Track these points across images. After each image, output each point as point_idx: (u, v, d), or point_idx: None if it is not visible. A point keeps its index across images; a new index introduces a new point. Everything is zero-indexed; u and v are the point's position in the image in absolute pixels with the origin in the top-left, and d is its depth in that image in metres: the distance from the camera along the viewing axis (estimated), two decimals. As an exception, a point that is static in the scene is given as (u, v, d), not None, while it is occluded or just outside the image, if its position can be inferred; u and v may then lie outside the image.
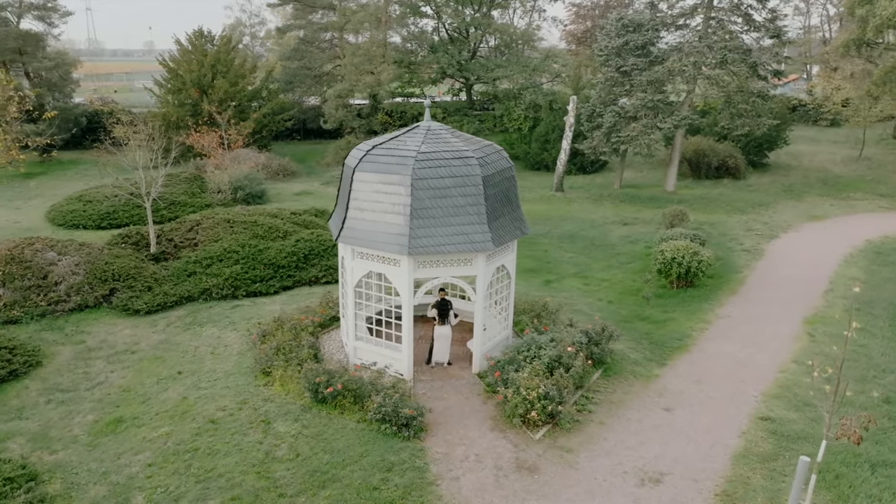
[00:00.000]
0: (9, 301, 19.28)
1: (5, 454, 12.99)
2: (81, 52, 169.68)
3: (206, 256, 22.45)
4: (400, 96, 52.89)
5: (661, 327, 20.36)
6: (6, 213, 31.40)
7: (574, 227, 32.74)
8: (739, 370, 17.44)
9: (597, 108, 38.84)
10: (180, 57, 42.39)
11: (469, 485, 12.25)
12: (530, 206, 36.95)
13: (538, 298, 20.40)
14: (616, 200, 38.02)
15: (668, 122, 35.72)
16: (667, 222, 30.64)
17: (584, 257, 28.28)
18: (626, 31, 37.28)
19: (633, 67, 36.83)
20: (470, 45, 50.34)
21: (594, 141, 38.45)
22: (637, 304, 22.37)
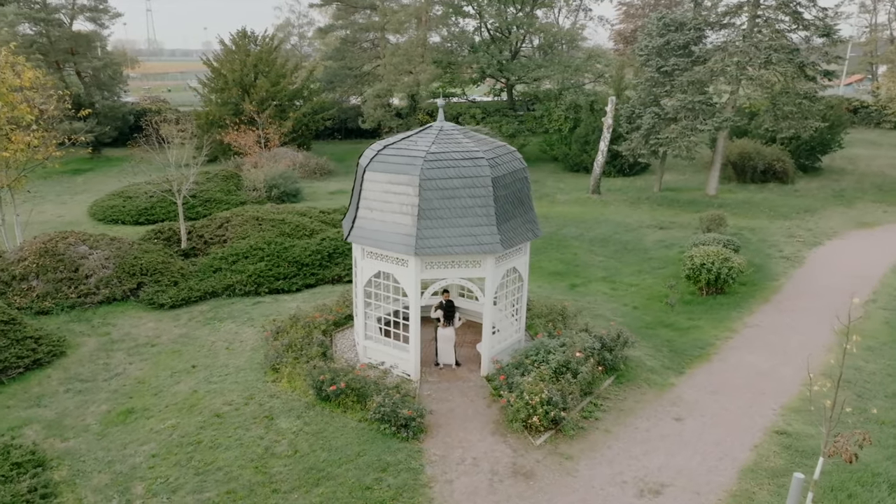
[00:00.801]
0: (41, 293, 20.01)
1: (19, 440, 13.47)
2: (142, 52, 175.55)
3: (233, 253, 22.86)
4: (441, 96, 52.91)
5: (683, 335, 19.83)
6: (53, 207, 32.63)
7: (608, 230, 32.18)
8: (760, 382, 16.85)
9: (636, 109, 38.12)
10: (224, 57, 43.37)
11: (462, 488, 12.14)
12: (565, 207, 36.57)
13: (557, 302, 20.10)
14: (654, 204, 37.23)
15: (708, 123, 34.79)
16: (703, 227, 29.85)
17: (615, 261, 27.75)
18: (667, 30, 36.48)
19: (673, 67, 36.04)
20: (511, 44, 50.03)
21: (633, 143, 37.74)
22: (662, 311, 21.84)
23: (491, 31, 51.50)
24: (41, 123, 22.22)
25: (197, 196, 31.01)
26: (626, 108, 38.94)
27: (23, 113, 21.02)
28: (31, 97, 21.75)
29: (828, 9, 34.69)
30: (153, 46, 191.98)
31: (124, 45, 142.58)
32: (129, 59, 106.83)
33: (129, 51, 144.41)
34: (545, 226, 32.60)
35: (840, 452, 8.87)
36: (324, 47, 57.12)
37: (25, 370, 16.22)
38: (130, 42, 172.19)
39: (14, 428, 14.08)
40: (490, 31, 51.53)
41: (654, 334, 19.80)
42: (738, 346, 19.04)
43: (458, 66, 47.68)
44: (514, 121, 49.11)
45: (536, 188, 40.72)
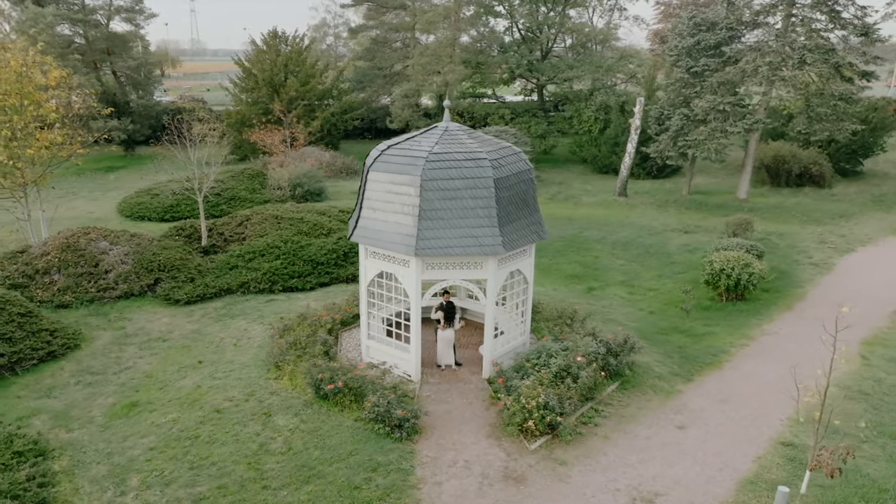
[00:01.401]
0: (63, 286, 20.56)
1: (25, 430, 13.85)
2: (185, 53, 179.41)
3: (249, 251, 23.16)
4: (471, 96, 52.80)
5: (697, 341, 19.42)
6: (85, 203, 33.54)
7: (631, 233, 31.71)
8: (772, 391, 16.39)
9: (665, 111, 37.50)
10: (255, 57, 44.00)
11: (450, 491, 12.08)
12: (589, 210, 36.17)
13: (568, 305, 19.89)
14: (681, 207, 36.56)
15: (738, 125, 34.01)
16: (729, 231, 29.20)
17: (636, 265, 27.33)
18: (698, 30, 35.81)
19: (704, 68, 35.35)
20: (542, 44, 49.68)
21: (661, 144, 37.12)
22: (678, 316, 21.43)
23: (522, 30, 51.21)
24: (66, 122, 22.82)
25: (221, 194, 31.52)
26: (656, 109, 38.34)
27: (48, 111, 21.63)
28: (57, 96, 22.34)
29: (867, 7, 33.60)
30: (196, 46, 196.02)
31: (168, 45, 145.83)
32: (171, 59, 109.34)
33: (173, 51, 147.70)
34: (567, 228, 32.32)
35: (822, 467, 8.53)
36: (360, 47, 57.45)
37: (39, 362, 16.68)
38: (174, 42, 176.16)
39: (23, 418, 14.49)
40: (521, 31, 51.25)
41: (666, 340, 19.43)
42: (753, 354, 18.56)
43: (487, 67, 47.51)
44: (543, 121, 48.75)
45: (562, 190, 40.40)
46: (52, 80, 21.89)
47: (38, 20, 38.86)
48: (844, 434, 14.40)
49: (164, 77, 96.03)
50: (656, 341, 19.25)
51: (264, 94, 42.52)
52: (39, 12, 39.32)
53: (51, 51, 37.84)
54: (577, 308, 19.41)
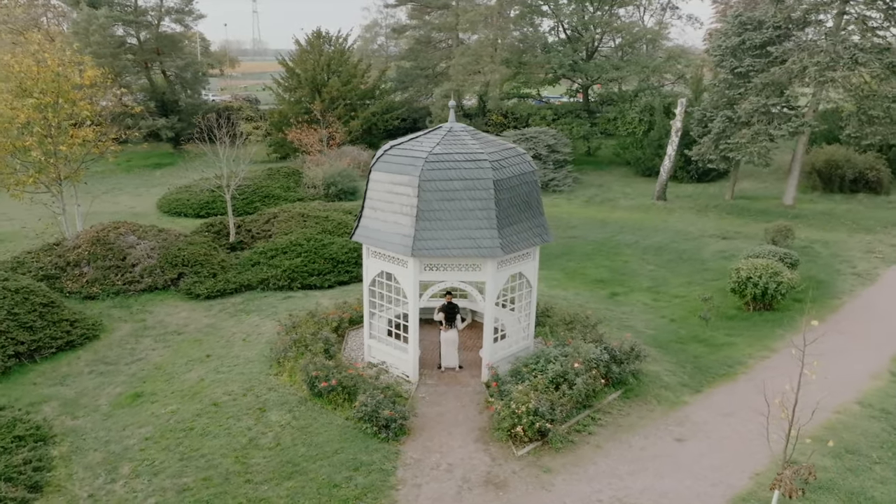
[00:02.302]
0: (91, 279, 21.36)
1: (34, 415, 14.44)
2: (247, 53, 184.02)
3: (272, 248, 23.58)
4: (516, 97, 52.43)
5: (715, 351, 18.79)
6: (128, 198, 34.77)
7: (665, 238, 30.93)
8: (786, 406, 15.67)
9: (708, 112, 36.44)
10: (298, 57, 44.80)
11: (428, 493, 12.01)
12: (625, 213, 35.45)
13: (581, 310, 19.55)
14: (722, 212, 35.44)
15: (783, 128, 32.75)
16: (768, 238, 28.18)
17: (666, 271, 26.64)
18: (744, 29, 34.65)
19: (748, 69, 34.20)
20: (587, 44, 48.95)
21: (702, 147, 36.08)
22: (699, 325, 20.75)
23: (568, 30, 50.59)
24: (99, 120, 23.69)
25: (256, 191, 32.19)
26: (699, 111, 37.31)
27: (81, 109, 22.50)
28: (91, 94, 23.22)
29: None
30: (258, 46, 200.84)
31: (230, 45, 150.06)
32: (230, 58, 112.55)
33: (235, 51, 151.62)
34: (599, 232, 31.76)
35: (780, 486, 8.13)
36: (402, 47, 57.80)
37: (58, 350, 17.36)
38: (237, 42, 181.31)
39: (34, 403, 15.11)
40: (567, 31, 50.64)
41: (682, 349, 18.88)
42: (771, 367, 17.85)
43: (528, 67, 47.09)
44: (586, 123, 48.05)
45: (600, 193, 39.72)
46: (86, 79, 22.78)
47: (92, 21, 40.55)
48: (852, 453, 13.71)
49: (222, 76, 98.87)
50: (671, 350, 18.73)
51: (306, 94, 43.25)
52: (93, 13, 41.04)
53: (103, 50, 39.48)
54: (589, 313, 19.05)
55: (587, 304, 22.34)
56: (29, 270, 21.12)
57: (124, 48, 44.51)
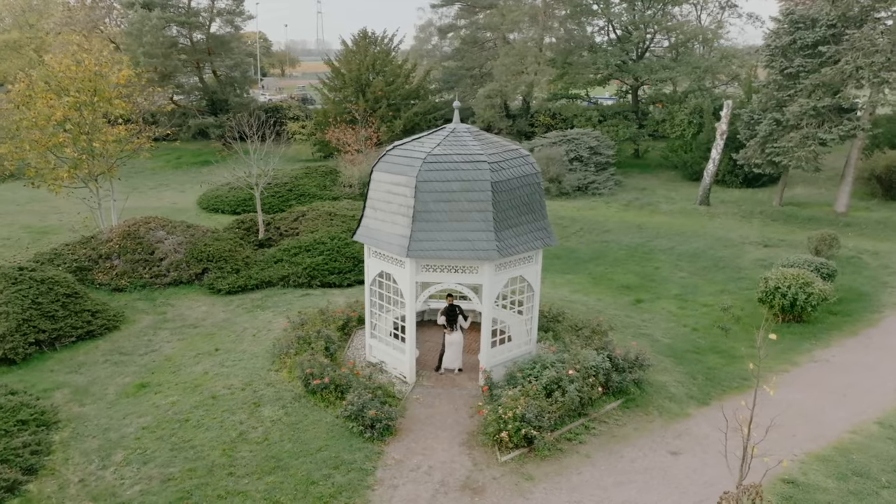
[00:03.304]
0: (120, 271, 22.19)
1: (44, 401, 15.07)
2: (311, 52, 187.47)
3: (296, 245, 23.96)
4: (564, 97, 51.76)
5: (731, 363, 18.10)
6: (172, 194, 35.92)
7: (703, 244, 29.96)
8: (798, 423, 15.01)
9: (755, 115, 35.13)
10: (344, 57, 45.42)
11: (403, 495, 11.98)
12: (665, 218, 34.51)
13: (594, 316, 19.16)
14: (767, 219, 34.08)
15: (833, 132, 31.27)
16: (811, 247, 26.98)
17: (698, 278, 25.81)
18: (795, 27, 33.25)
19: (799, 69, 32.78)
20: (637, 44, 47.88)
21: (748, 151, 34.81)
22: (721, 335, 20.03)
23: (618, 29, 49.60)
24: (134, 117, 24.56)
25: (293, 189, 32.80)
26: (747, 113, 36.01)
27: (116, 108, 23.39)
28: (129, 93, 24.11)
29: None
30: (321, 46, 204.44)
31: (295, 45, 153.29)
32: (290, 58, 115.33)
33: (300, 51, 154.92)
34: (634, 237, 31.03)
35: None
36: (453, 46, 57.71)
37: (78, 339, 18.09)
38: (301, 42, 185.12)
39: (47, 390, 15.78)
40: (616, 31, 49.68)
41: (697, 359, 18.25)
42: (789, 382, 17.08)
43: (575, 67, 46.38)
44: (633, 124, 47.03)
45: (641, 196, 38.78)
46: (121, 78, 23.68)
47: (145, 22, 42.17)
48: (860, 476, 12.97)
49: (283, 76, 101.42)
50: (685, 360, 18.14)
51: (351, 94, 43.79)
52: (146, 15, 42.67)
53: (154, 51, 40.96)
54: (601, 319, 18.63)
55: (606, 310, 21.87)
56: (64, 262, 22.10)
57: (176, 48, 46.08)
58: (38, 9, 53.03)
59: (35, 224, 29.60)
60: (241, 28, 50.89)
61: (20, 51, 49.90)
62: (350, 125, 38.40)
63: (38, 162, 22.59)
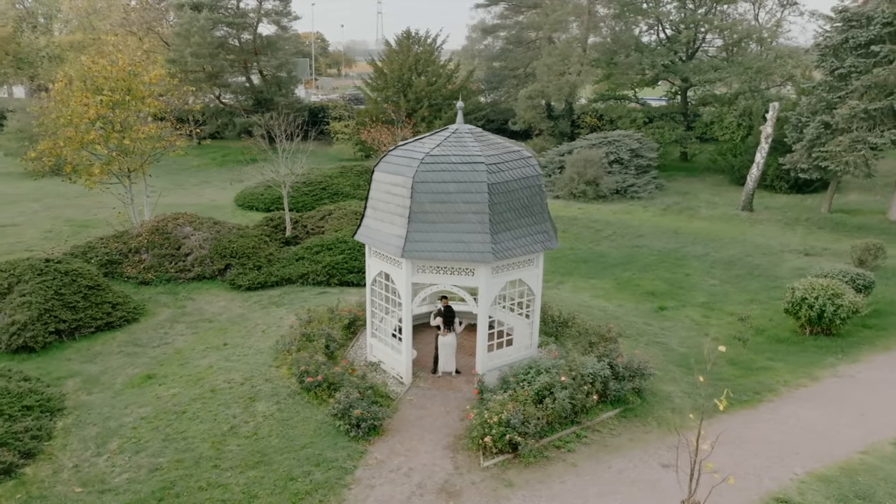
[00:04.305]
0: (148, 265, 22.92)
1: (55, 388, 15.69)
2: (372, 52, 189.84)
3: (318, 244, 24.26)
4: (611, 98, 50.81)
5: (747, 376, 17.43)
6: (212, 192, 36.90)
7: (740, 251, 28.96)
8: (803, 440, 14.34)
9: (803, 117, 33.74)
10: (387, 57, 45.77)
11: (378, 495, 11.96)
12: (704, 223, 33.53)
13: (604, 322, 18.75)
14: (813, 226, 32.69)
15: (886, 136, 29.75)
16: (854, 257, 25.76)
17: (729, 286, 24.97)
18: (849, 25, 31.80)
19: (850, 70, 31.33)
20: (685, 44, 46.59)
21: (795, 155, 33.47)
22: (740, 346, 19.28)
23: (668, 28, 48.40)
24: (166, 116, 25.33)
25: (326, 188, 33.26)
26: (795, 115, 34.62)
27: (147, 106, 24.17)
28: (160, 93, 24.88)
29: None
30: (380, 46, 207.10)
31: (356, 45, 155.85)
32: (346, 58, 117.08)
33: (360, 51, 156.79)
34: (668, 242, 30.23)
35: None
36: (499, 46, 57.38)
37: (97, 330, 18.77)
38: (361, 42, 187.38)
39: (60, 378, 16.43)
40: (666, 30, 48.48)
41: (712, 371, 17.57)
42: (805, 397, 16.34)
43: (619, 68, 45.47)
44: (679, 126, 45.83)
45: (681, 201, 37.76)
46: (153, 77, 24.46)
47: (193, 23, 43.47)
48: (862, 499, 12.28)
49: (339, 76, 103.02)
50: (698, 370, 17.51)
51: (392, 94, 44.09)
52: (195, 16, 43.98)
53: (202, 51, 42.16)
54: (611, 326, 18.19)
55: (625, 317, 21.39)
56: (96, 255, 22.98)
57: (224, 49, 47.33)
58: (101, 11, 55.32)
59: (78, 218, 30.91)
60: (287, 28, 51.89)
61: (83, 52, 52.25)
62: (387, 125, 38.65)
63: (72, 158, 23.57)
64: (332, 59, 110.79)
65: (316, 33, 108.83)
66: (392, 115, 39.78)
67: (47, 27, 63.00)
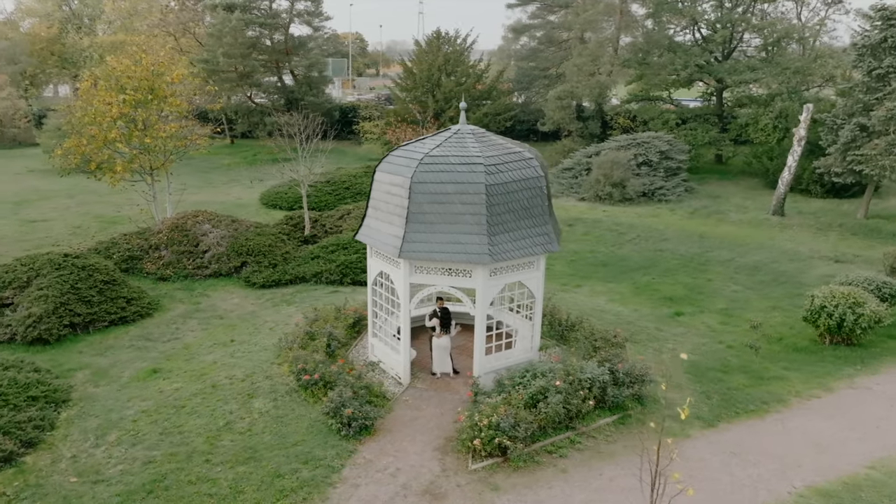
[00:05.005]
0: (167, 262, 23.40)
1: (64, 380, 16.11)
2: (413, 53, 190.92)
3: (334, 243, 24.45)
4: (644, 99, 49.98)
5: (757, 385, 16.92)
6: (239, 190, 37.48)
7: (766, 257, 28.19)
8: (809, 453, 13.88)
9: (838, 119, 32.69)
10: (417, 57, 45.87)
11: (362, 495, 11.97)
12: (732, 228, 32.74)
13: (612, 327, 18.45)
14: (847, 232, 31.62)
15: (924, 139, 28.65)
16: (887, 264, 24.86)
17: (752, 293, 24.33)
18: (888, 24, 30.70)
19: (889, 70, 30.24)
20: (720, 43, 45.52)
21: (829, 159, 32.45)
22: (760, 355, 18.75)
23: (704, 27, 47.36)
24: (187, 115, 25.81)
25: (350, 188, 33.49)
26: (830, 117, 33.57)
27: (171, 106, 24.66)
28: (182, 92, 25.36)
29: None
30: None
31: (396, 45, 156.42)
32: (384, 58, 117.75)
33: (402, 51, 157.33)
34: (692, 246, 29.62)
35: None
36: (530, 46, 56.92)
37: (110, 324, 19.23)
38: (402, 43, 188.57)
39: (71, 370, 16.87)
40: (702, 30, 47.47)
41: (720, 378, 17.19)
42: (816, 408, 15.80)
43: (651, 68, 44.66)
44: (714, 128, 44.83)
45: (711, 204, 36.93)
46: (176, 77, 24.95)
47: (225, 24, 44.26)
48: None
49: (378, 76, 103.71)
50: (706, 378, 17.12)
51: (421, 94, 44.15)
52: (227, 17, 44.77)
53: (233, 51, 42.87)
54: (618, 331, 17.89)
55: (638, 322, 21.01)
56: (118, 251, 23.56)
57: (256, 49, 48.03)
58: (143, 12, 56.74)
59: (107, 214, 31.73)
60: (319, 28, 52.41)
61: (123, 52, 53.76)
62: (412, 125, 38.71)
63: (96, 156, 24.21)
64: (370, 59, 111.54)
65: (355, 33, 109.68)
66: (416, 115, 39.83)
67: (91, 28, 64.94)
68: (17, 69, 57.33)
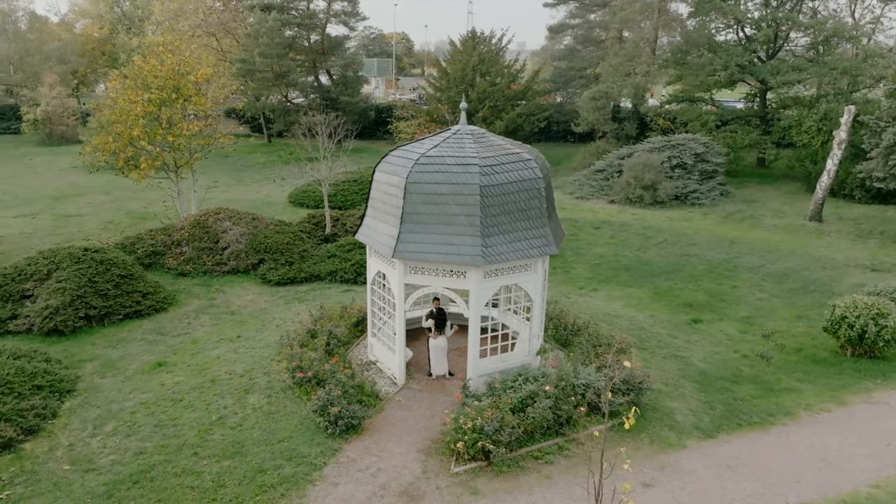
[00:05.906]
0: (187, 257, 23.93)
1: (73, 370, 16.61)
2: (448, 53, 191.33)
3: (351, 242, 24.61)
4: (685, 100, 48.85)
5: (766, 396, 16.35)
6: (270, 188, 38.04)
7: (797, 264, 27.22)
8: (811, 469, 13.34)
9: (882, 122, 31.34)
10: (451, 57, 45.83)
11: (340, 493, 12.00)
12: (765, 234, 31.74)
13: (618, 332, 18.08)
14: (888, 240, 30.29)
15: (972, 143, 27.24)
16: (923, 273, 23.75)
17: (778, 301, 23.54)
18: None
19: (935, 72, 28.86)
20: (763, 43, 44.14)
21: (871, 163, 31.15)
22: (772, 366, 18.12)
23: (747, 27, 46.02)
24: (212, 114, 26.33)
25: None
26: (873, 120, 32.21)
27: (195, 105, 25.19)
28: (206, 91, 25.90)
29: None
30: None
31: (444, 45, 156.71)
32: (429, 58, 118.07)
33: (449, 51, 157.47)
34: (720, 252, 28.81)
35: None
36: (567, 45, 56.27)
37: (125, 318, 19.73)
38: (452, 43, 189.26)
39: (82, 361, 17.38)
40: (745, 29, 46.12)
41: (727, 388, 16.66)
42: (825, 422, 15.18)
43: (690, 68, 43.58)
44: (754, 130, 43.52)
45: (745, 209, 35.85)
46: (200, 77, 25.48)
47: (262, 24, 45.03)
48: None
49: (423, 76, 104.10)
50: (712, 387, 16.62)
51: (455, 94, 44.08)
52: (264, 18, 45.56)
53: (270, 51, 43.58)
54: (624, 337, 17.51)
55: (651, 328, 20.54)
56: (142, 246, 24.18)
57: (293, 49, 48.71)
58: (188, 13, 58.19)
59: (138, 210, 32.61)
60: (354, 28, 52.93)
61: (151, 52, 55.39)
62: (442, 125, 38.67)
63: (122, 153, 24.92)
64: (415, 59, 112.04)
65: (401, 33, 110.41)
66: (445, 115, 39.76)
67: (140, 28, 67.00)
68: (67, 69, 59.60)
